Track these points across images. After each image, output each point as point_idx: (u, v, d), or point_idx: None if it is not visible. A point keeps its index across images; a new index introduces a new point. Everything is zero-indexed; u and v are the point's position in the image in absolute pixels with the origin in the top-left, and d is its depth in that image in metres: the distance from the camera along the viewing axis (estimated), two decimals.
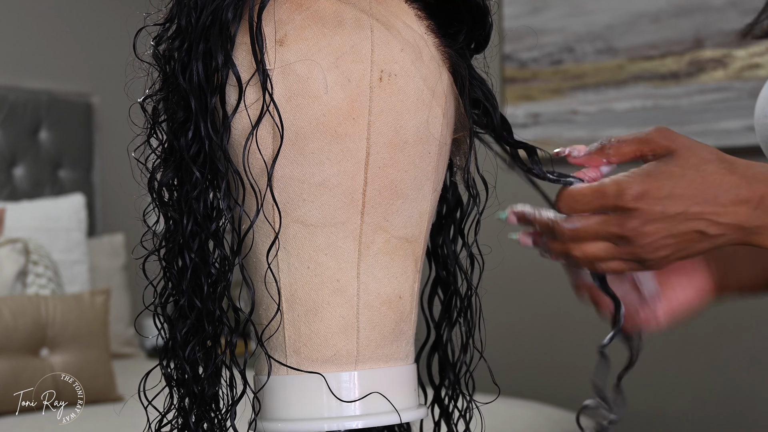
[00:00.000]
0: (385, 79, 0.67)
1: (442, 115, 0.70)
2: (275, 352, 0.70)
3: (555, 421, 2.20)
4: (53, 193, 3.05)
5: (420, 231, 0.71)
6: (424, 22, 0.71)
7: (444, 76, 0.71)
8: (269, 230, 0.68)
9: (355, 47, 0.66)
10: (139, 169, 0.70)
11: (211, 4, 0.65)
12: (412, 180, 0.69)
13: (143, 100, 0.70)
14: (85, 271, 2.82)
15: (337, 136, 0.66)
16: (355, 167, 0.67)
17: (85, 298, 2.35)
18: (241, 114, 0.66)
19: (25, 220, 2.74)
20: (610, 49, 2.79)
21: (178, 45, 0.67)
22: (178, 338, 0.69)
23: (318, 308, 0.69)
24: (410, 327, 0.72)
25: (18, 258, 2.46)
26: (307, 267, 0.68)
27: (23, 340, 2.14)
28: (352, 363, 0.69)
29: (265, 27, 0.66)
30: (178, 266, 0.69)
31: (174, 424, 0.71)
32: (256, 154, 0.66)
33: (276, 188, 0.67)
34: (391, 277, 0.70)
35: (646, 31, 2.73)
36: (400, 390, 0.71)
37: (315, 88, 0.66)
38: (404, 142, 0.68)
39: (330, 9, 0.67)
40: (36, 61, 3.13)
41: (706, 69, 2.63)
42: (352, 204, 0.68)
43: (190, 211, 0.67)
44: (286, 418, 0.69)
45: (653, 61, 2.72)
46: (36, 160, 3.04)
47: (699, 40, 2.64)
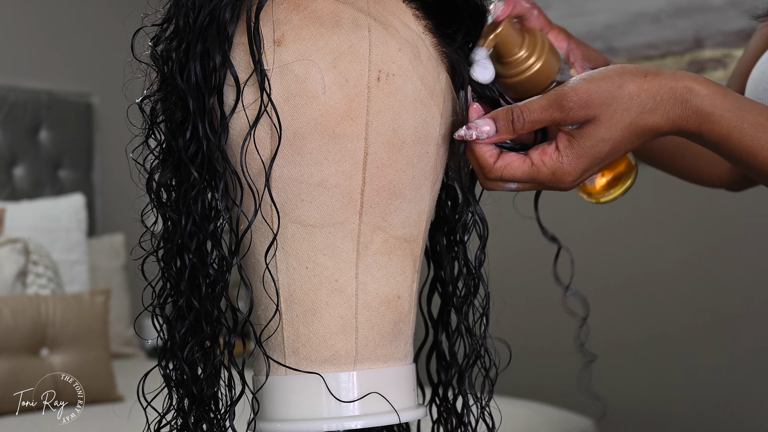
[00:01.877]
0: (383, 79, 0.67)
1: (440, 115, 0.70)
2: (274, 352, 0.70)
3: (554, 420, 2.20)
4: (53, 193, 3.05)
5: (418, 231, 0.71)
6: (422, 21, 0.70)
7: (442, 75, 0.71)
8: (267, 230, 0.68)
9: (352, 47, 0.66)
10: (137, 169, 0.70)
11: (208, 4, 0.65)
12: (411, 180, 0.69)
13: (141, 101, 0.70)
14: (85, 271, 2.82)
15: (335, 136, 0.66)
16: (353, 167, 0.67)
17: (85, 298, 2.35)
18: (239, 114, 0.66)
19: (25, 220, 2.74)
20: (610, 49, 2.79)
21: (176, 45, 0.67)
22: (176, 339, 0.69)
23: (316, 308, 0.69)
24: (409, 327, 0.72)
25: (18, 258, 2.46)
26: (305, 267, 0.68)
27: (23, 340, 2.14)
28: (350, 363, 0.69)
29: (263, 27, 0.66)
30: (176, 267, 0.69)
31: (173, 425, 0.71)
32: (254, 154, 0.66)
33: (274, 188, 0.67)
34: (389, 277, 0.70)
35: (646, 31, 2.73)
36: (399, 390, 0.71)
37: (313, 88, 0.66)
38: (402, 142, 0.68)
39: (328, 9, 0.67)
40: (36, 61, 3.13)
41: (706, 69, 2.63)
42: (351, 204, 0.68)
43: (189, 212, 0.67)
44: (285, 419, 0.69)
45: (653, 61, 2.72)
46: (36, 160, 3.04)
47: (699, 40, 2.64)
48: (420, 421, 0.76)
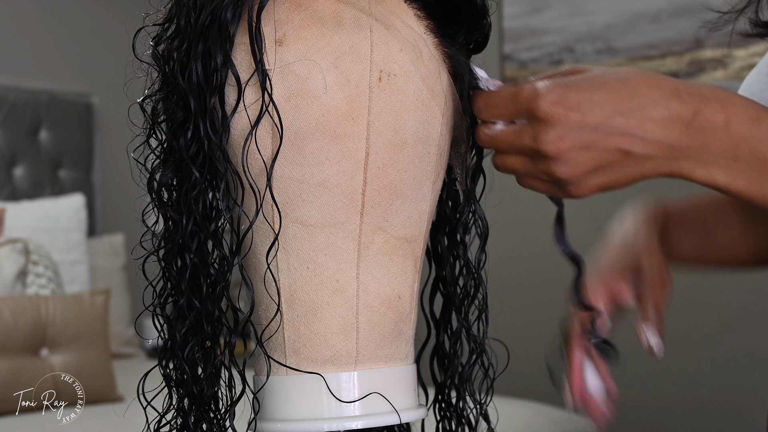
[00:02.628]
0: (385, 79, 0.67)
1: (441, 115, 0.70)
2: (275, 352, 0.70)
3: (554, 420, 2.20)
4: (53, 193, 3.05)
5: (419, 231, 0.71)
6: (423, 21, 0.70)
7: (443, 76, 0.71)
8: (268, 230, 0.68)
9: (354, 47, 0.66)
10: (138, 169, 0.70)
11: (210, 4, 0.65)
12: (412, 180, 0.69)
13: (142, 101, 0.70)
14: (85, 271, 2.83)
15: (337, 136, 0.66)
16: (354, 167, 0.67)
17: (85, 298, 2.35)
18: (241, 114, 0.66)
19: (25, 220, 2.74)
20: (610, 49, 2.79)
21: (177, 45, 0.67)
22: (177, 338, 0.69)
23: (317, 308, 0.69)
24: (410, 327, 0.72)
25: (18, 258, 2.46)
26: (306, 267, 0.68)
27: (23, 340, 2.14)
28: (351, 363, 0.69)
29: (265, 27, 0.66)
30: (177, 266, 0.69)
31: (173, 425, 0.71)
32: (255, 154, 0.66)
33: (275, 188, 0.67)
34: (390, 277, 0.70)
35: (646, 31, 2.73)
36: (400, 390, 0.71)
37: (314, 88, 0.66)
38: (403, 142, 0.68)
39: (329, 9, 0.67)
40: (36, 61, 3.13)
41: (706, 69, 2.63)
42: (352, 204, 0.68)
43: (190, 212, 0.67)
44: (285, 419, 0.69)
45: (653, 61, 2.72)
46: (36, 160, 3.04)
47: (699, 40, 2.64)
48: (423, 421, 0.76)
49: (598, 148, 0.62)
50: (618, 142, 0.62)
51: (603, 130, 0.61)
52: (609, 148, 0.62)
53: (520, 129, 0.64)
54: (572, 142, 0.62)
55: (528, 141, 0.63)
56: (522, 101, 0.63)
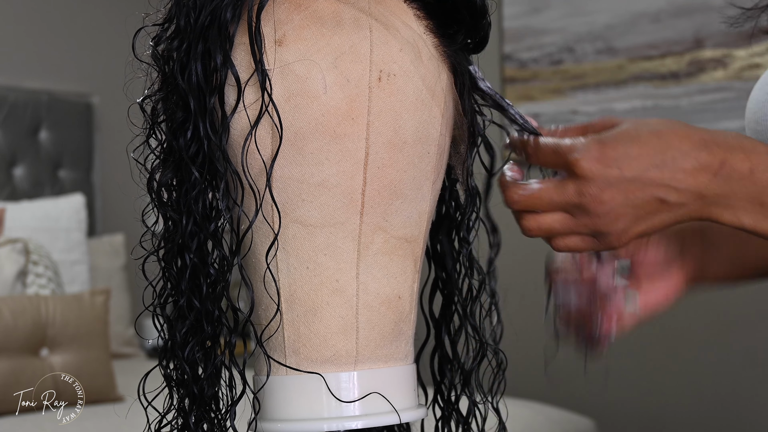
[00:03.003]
0: (384, 79, 0.67)
1: (441, 115, 0.70)
2: (275, 352, 0.70)
3: (554, 420, 2.21)
4: (53, 193, 3.05)
5: (419, 231, 0.71)
6: (423, 21, 0.70)
7: (443, 76, 0.71)
8: (268, 230, 0.68)
9: (354, 47, 0.66)
10: (138, 169, 0.70)
11: (209, 4, 0.65)
12: (411, 180, 0.69)
13: (142, 101, 0.70)
14: (85, 271, 2.83)
15: (336, 136, 0.66)
16: (354, 167, 0.67)
17: (85, 298, 2.35)
18: (240, 114, 0.66)
19: (25, 220, 2.74)
20: (610, 49, 2.79)
21: (177, 45, 0.67)
22: (177, 338, 0.69)
23: (317, 308, 0.69)
24: (409, 327, 0.72)
25: (18, 258, 2.46)
26: (306, 267, 0.68)
27: (23, 340, 2.14)
28: (351, 363, 0.69)
29: (264, 27, 0.66)
30: (177, 266, 0.69)
31: (174, 425, 0.71)
32: (255, 154, 0.66)
33: (275, 188, 0.67)
34: (390, 277, 0.70)
35: (646, 31, 2.73)
36: (400, 390, 0.71)
37: (314, 88, 0.66)
38: (403, 142, 0.68)
39: (329, 9, 0.67)
40: (36, 61, 3.13)
41: (706, 69, 2.63)
42: (351, 204, 0.68)
43: (189, 212, 0.67)
44: (285, 419, 0.69)
45: (653, 61, 2.72)
46: (36, 160, 3.04)
47: (699, 40, 2.64)
48: (423, 421, 0.76)
49: (637, 200, 0.65)
50: (654, 192, 0.65)
51: (640, 182, 0.65)
52: (647, 198, 0.65)
53: (562, 184, 0.66)
54: (613, 196, 0.65)
55: (572, 196, 0.66)
56: (561, 156, 0.66)
